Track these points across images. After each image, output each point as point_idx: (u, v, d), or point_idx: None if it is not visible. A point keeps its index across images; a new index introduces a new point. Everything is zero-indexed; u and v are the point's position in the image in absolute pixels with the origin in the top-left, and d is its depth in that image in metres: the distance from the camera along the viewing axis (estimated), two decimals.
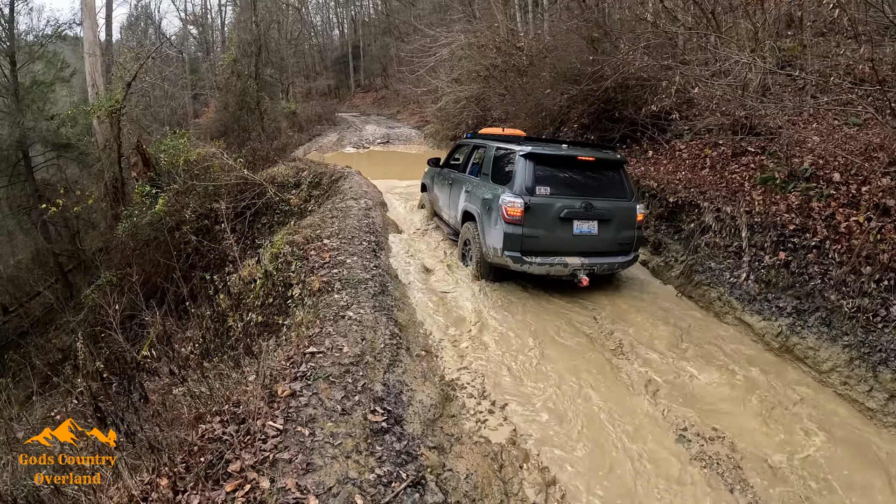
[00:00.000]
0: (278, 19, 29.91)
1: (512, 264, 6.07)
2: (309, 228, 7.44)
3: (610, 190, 6.51)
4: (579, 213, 6.13)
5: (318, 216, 8.20)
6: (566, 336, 5.49)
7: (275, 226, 12.85)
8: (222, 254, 13.18)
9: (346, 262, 6.27)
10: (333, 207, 8.72)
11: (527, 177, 6.03)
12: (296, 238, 7.00)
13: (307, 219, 8.29)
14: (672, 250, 8.12)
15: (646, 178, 9.14)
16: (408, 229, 9.38)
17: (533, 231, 5.98)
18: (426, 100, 21.24)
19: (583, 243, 6.22)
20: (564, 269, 6.12)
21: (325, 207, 8.96)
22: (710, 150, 9.36)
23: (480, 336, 5.38)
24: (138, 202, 13.61)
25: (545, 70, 11.79)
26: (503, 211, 5.95)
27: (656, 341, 5.66)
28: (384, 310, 5.27)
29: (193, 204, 13.08)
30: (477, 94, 15.95)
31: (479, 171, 7.07)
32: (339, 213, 8.22)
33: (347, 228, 7.38)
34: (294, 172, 13.45)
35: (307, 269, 6.22)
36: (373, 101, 36.38)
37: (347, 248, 6.72)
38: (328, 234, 7.12)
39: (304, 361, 4.07)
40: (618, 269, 6.70)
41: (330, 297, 5.42)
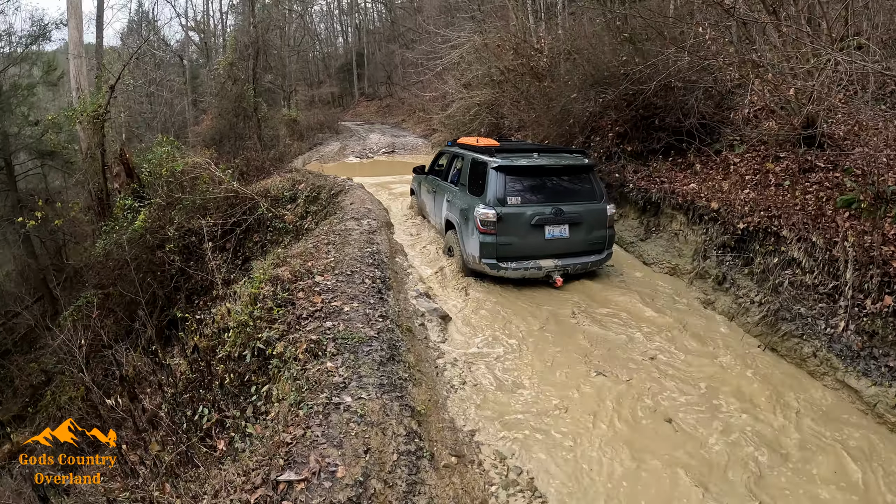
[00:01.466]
0: (280, 25, 28.52)
1: (489, 270, 6.35)
2: (299, 259, 5.86)
3: (580, 194, 6.71)
4: (550, 218, 6.39)
5: (311, 241, 6.63)
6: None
7: (267, 245, 11.29)
8: (209, 275, 11.64)
9: (342, 310, 4.70)
10: (331, 230, 7.15)
11: (498, 188, 6.29)
12: (281, 273, 5.42)
13: (297, 245, 6.71)
14: (742, 287, 6.53)
15: (701, 197, 7.56)
16: (419, 255, 7.81)
17: (507, 239, 6.25)
18: (433, 107, 19.73)
19: (555, 246, 6.48)
20: (539, 271, 6.43)
21: (320, 229, 7.40)
22: (772, 164, 7.80)
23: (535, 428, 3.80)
24: (119, 216, 12.08)
25: (572, 73, 10.25)
26: (477, 222, 6.23)
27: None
28: (395, 390, 3.69)
29: (179, 219, 11.55)
30: (489, 100, 14.42)
31: (458, 181, 7.32)
32: (336, 238, 6.65)
33: (346, 260, 5.81)
34: (290, 185, 11.91)
35: (293, 320, 4.65)
36: (377, 110, 34.92)
37: (345, 287, 5.15)
38: (322, 268, 5.55)
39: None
40: (591, 267, 6.84)
41: (320, 367, 3.85)
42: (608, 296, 6.53)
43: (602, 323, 5.72)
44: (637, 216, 8.37)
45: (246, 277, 5.54)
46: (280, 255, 6.15)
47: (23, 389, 17.12)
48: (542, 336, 5.24)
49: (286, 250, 6.40)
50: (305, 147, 19.42)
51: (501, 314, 5.69)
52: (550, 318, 5.66)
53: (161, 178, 11.56)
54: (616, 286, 6.87)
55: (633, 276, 7.37)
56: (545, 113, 10.74)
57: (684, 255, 7.50)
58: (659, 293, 6.85)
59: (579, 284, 6.71)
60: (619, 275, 7.34)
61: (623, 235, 8.36)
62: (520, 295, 6.27)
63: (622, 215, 8.62)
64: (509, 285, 6.45)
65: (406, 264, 6.79)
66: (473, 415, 3.96)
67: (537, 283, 6.58)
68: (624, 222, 8.53)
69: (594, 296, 6.53)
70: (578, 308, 6.01)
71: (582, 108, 9.55)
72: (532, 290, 6.44)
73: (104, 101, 13.17)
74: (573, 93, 9.95)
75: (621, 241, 8.36)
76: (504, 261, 6.29)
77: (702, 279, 7.14)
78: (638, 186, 8.30)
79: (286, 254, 6.17)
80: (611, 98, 8.73)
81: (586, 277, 6.89)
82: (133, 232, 11.27)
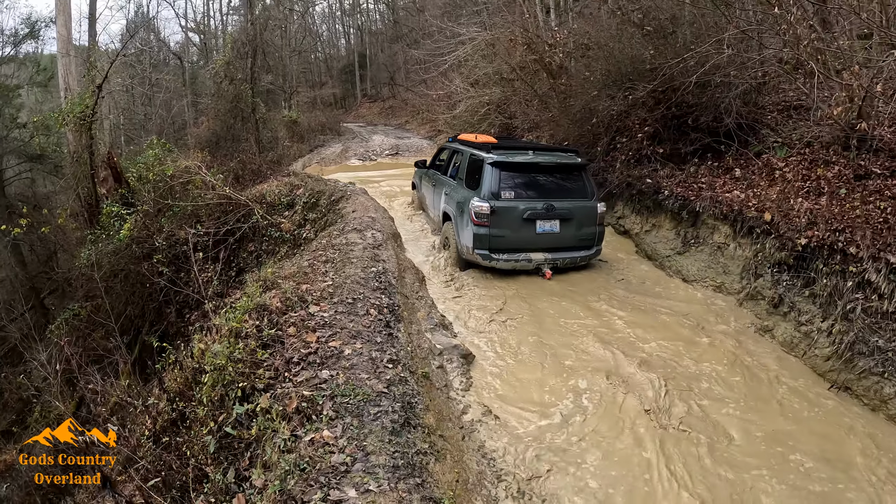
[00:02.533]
0: (281, 24, 27.58)
1: (481, 261, 6.48)
2: (291, 281, 4.92)
3: (572, 191, 6.81)
4: (541, 213, 6.52)
5: (306, 258, 5.67)
6: None
7: (263, 255, 10.34)
8: (199, 288, 10.70)
9: (343, 353, 3.75)
10: (329, 244, 6.20)
11: (493, 183, 6.45)
12: (269, 300, 4.48)
13: (290, 263, 5.74)
14: (805, 313, 5.57)
15: (749, 206, 6.61)
16: (433, 270, 6.85)
17: (499, 231, 6.37)
18: (439, 108, 18.78)
19: (545, 240, 6.59)
20: (529, 264, 6.53)
21: (318, 243, 6.44)
22: (823, 169, 6.85)
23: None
24: (106, 224, 11.14)
25: (592, 69, 9.30)
26: (471, 214, 6.37)
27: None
28: (413, 473, 2.74)
29: (168, 227, 10.61)
30: (498, 99, 13.47)
31: (456, 175, 7.45)
32: (336, 255, 5.69)
33: (347, 284, 4.85)
34: (288, 190, 10.97)
35: (281, 364, 3.71)
36: (380, 111, 33.95)
37: (346, 321, 4.20)
38: (318, 295, 4.60)
39: None
40: (580, 261, 6.88)
41: (315, 436, 2.92)
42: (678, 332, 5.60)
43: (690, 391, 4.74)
44: (672, 226, 7.42)
45: (227, 307, 4.58)
46: (269, 276, 5.20)
47: (12, 403, 16.20)
48: (612, 394, 4.22)
49: (276, 269, 5.44)
50: (306, 149, 18.43)
51: (545, 349, 4.75)
52: (614, 367, 4.68)
53: (149, 183, 10.63)
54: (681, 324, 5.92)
55: (673, 293, 6.43)
56: (563, 112, 9.79)
57: (731, 273, 6.55)
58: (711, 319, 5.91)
59: (647, 322, 5.73)
60: (658, 294, 6.41)
61: (657, 248, 7.41)
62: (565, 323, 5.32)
63: (655, 225, 7.68)
64: (549, 318, 5.51)
65: (416, 283, 5.83)
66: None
67: (580, 309, 5.73)
68: (657, 233, 7.58)
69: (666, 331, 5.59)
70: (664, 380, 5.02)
71: (606, 107, 8.59)
72: (578, 317, 5.53)
73: (91, 101, 12.21)
74: (594, 90, 9.01)
75: (655, 255, 7.41)
76: (496, 252, 6.44)
77: (753, 300, 6.19)
78: (674, 193, 7.35)
79: (276, 274, 5.22)
80: (640, 95, 7.76)
81: (647, 313, 5.92)
82: (118, 241, 10.33)
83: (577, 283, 6.62)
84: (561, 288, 6.38)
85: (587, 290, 6.41)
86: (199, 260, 10.55)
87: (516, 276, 6.56)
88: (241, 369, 3.87)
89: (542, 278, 6.52)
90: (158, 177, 10.68)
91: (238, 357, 3.89)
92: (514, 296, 6.02)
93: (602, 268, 7.19)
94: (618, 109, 8.25)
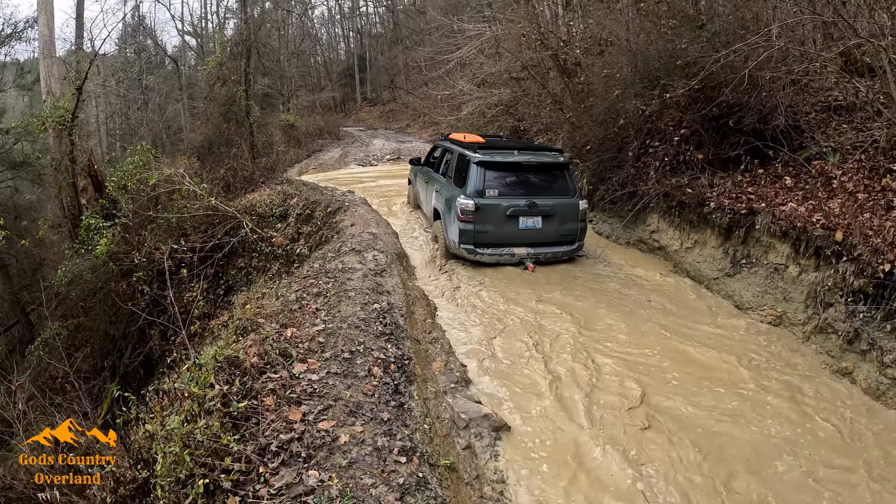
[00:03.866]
0: (279, 26, 26.60)
1: (467, 255, 6.59)
2: (273, 323, 3.90)
3: (554, 189, 6.87)
4: (524, 210, 6.61)
5: (294, 290, 4.65)
6: None
7: (253, 273, 9.31)
8: (176, 317, 9.66)
9: (338, 440, 2.72)
10: (323, 269, 5.17)
11: (478, 181, 6.57)
12: (244, 353, 3.45)
13: (275, 296, 4.70)
14: (889, 352, 4.56)
15: (813, 222, 5.58)
16: (449, 300, 5.80)
17: (483, 227, 6.49)
18: (441, 111, 17.79)
19: (528, 236, 6.69)
20: (512, 258, 6.65)
21: (310, 267, 5.41)
22: (889, 179, 5.86)
23: None
24: (84, 238, 10.11)
25: (616, 65, 8.30)
26: (458, 211, 6.48)
27: None
28: None
29: (151, 242, 9.59)
30: (507, 100, 12.46)
31: (446, 173, 7.54)
32: (330, 285, 4.67)
33: (343, 329, 3.82)
34: (281, 200, 9.95)
35: (255, 454, 2.69)
36: (380, 115, 32.91)
37: (342, 387, 3.17)
38: (306, 346, 3.57)
39: None
40: (562, 256, 6.92)
41: None
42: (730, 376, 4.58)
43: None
44: (719, 243, 6.39)
45: (191, 362, 3.54)
46: (248, 313, 4.18)
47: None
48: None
49: (257, 305, 4.41)
50: (303, 154, 17.38)
51: (576, 394, 3.73)
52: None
53: (130, 192, 9.61)
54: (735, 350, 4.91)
55: (725, 321, 5.41)
56: (584, 113, 8.78)
57: (793, 300, 5.52)
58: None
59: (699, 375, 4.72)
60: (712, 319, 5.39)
61: (702, 269, 6.39)
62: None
63: (698, 242, 6.65)
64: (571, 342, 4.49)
65: (428, 320, 4.79)
66: None
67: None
68: (701, 251, 6.56)
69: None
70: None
71: (634, 107, 7.58)
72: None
73: (70, 105, 11.20)
74: (618, 89, 8.00)
75: (700, 276, 6.39)
76: (481, 246, 6.57)
77: (823, 334, 5.18)
78: (721, 205, 6.33)
79: (257, 311, 4.20)
80: (679, 93, 6.75)
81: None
82: (94, 259, 9.31)
83: (613, 299, 5.63)
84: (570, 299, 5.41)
85: (627, 311, 5.42)
86: (185, 277, 9.59)
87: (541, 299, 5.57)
88: (201, 457, 2.85)
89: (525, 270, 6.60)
90: (139, 186, 9.67)
91: (200, 440, 2.87)
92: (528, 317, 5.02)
93: (633, 285, 6.18)
94: (651, 110, 7.23)
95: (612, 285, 6.29)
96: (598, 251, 7.33)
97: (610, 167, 7.82)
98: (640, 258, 7.19)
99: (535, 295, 5.79)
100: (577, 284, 6.24)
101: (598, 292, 6.05)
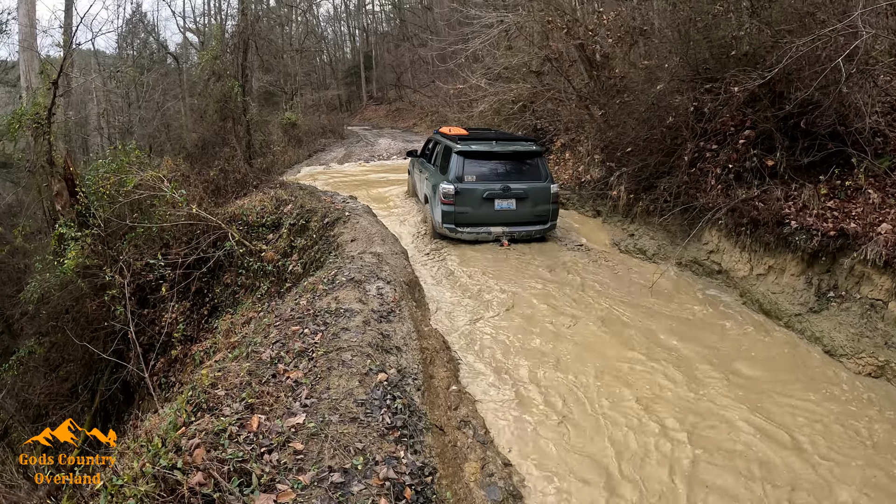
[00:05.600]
0: (282, 22, 25.39)
1: (449, 233, 7.23)
2: (234, 402, 2.67)
3: (527, 174, 7.44)
4: (499, 193, 7.19)
5: (269, 345, 3.42)
6: None
7: (240, 291, 8.09)
8: (168, 328, 8.46)
9: None
10: (310, 308, 3.95)
11: (458, 168, 7.22)
12: (184, 462, 2.22)
13: (239, 362, 3.42)
14: None
15: None
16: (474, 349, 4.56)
17: (462, 209, 7.11)
18: (451, 108, 16.51)
19: (503, 216, 7.27)
20: (489, 235, 7.25)
21: (294, 305, 4.17)
22: None
23: None
24: (57, 249, 8.92)
25: (659, 56, 7.02)
26: (440, 195, 7.16)
27: None
28: None
29: (128, 254, 8.39)
30: (527, 96, 11.18)
31: (435, 162, 8.16)
32: (318, 339, 3.44)
33: (333, 426, 2.59)
34: (274, 206, 8.73)
35: None
36: (386, 114, 31.69)
37: None
38: (275, 457, 2.33)
39: None
40: (535, 234, 7.40)
41: None
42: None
43: None
44: (800, 271, 5.12)
45: (108, 479, 2.32)
46: (203, 381, 2.95)
47: None
48: None
49: (216, 371, 3.17)
50: (304, 154, 16.14)
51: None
52: None
53: (102, 199, 8.41)
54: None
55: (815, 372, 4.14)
56: (619, 110, 7.52)
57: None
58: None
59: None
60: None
61: (779, 302, 5.11)
62: None
63: (772, 268, 5.37)
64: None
65: (452, 385, 3.54)
66: None
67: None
68: (777, 280, 5.28)
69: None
70: None
71: (684, 103, 6.30)
72: None
73: (46, 101, 10.01)
74: (664, 82, 6.73)
75: (776, 311, 5.11)
76: (461, 226, 7.14)
77: None
78: (805, 225, 5.04)
79: (214, 379, 2.97)
80: (749, 87, 5.48)
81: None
82: (61, 274, 8.12)
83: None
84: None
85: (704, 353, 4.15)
86: (166, 295, 8.39)
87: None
88: None
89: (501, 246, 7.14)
90: (117, 190, 8.47)
91: None
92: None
93: (690, 323, 4.92)
94: (710, 108, 5.94)
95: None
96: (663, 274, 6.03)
97: (656, 173, 6.56)
98: (693, 282, 5.91)
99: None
100: (661, 327, 5.00)
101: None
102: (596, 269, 6.36)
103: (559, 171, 9.79)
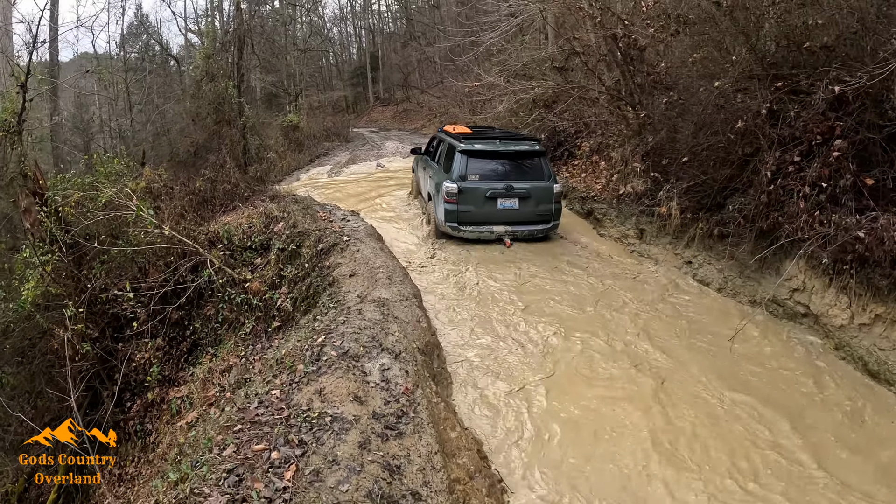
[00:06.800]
0: (285, 21, 24.28)
1: (451, 232, 7.22)
2: None
3: (530, 174, 7.41)
4: (502, 193, 7.18)
5: (215, 489, 2.21)
6: None
7: (221, 328, 6.95)
8: (144, 366, 7.34)
9: None
10: (283, 407, 2.76)
11: (461, 167, 7.19)
12: None
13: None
14: None
15: None
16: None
17: (466, 207, 7.10)
18: (461, 109, 15.30)
19: (506, 215, 7.26)
20: (491, 234, 7.24)
21: (259, 401, 2.97)
22: None
23: None
24: (21, 275, 7.81)
25: (725, 47, 5.80)
26: (443, 193, 7.12)
27: None
28: None
29: (98, 281, 7.27)
30: (549, 96, 9.96)
31: (438, 161, 8.06)
32: (286, 486, 2.23)
33: None
34: (263, 224, 7.57)
35: None
36: (393, 115, 30.47)
37: None
38: None
39: None
40: (537, 234, 7.38)
41: None
42: None
43: None
44: None
45: None
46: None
47: None
48: None
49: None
50: (304, 159, 14.97)
51: None
52: None
53: (71, 217, 7.30)
54: None
55: None
56: (668, 111, 6.29)
57: None
58: None
59: None
60: None
61: (889, 361, 3.87)
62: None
63: (879, 317, 4.11)
64: None
65: None
66: None
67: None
68: (884, 332, 4.03)
69: None
70: None
71: (755, 106, 5.05)
72: None
73: (15, 105, 8.92)
74: (727, 79, 5.47)
75: (888, 374, 3.86)
76: (464, 224, 7.16)
77: None
78: None
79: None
80: (846, 89, 4.23)
81: None
82: (20, 307, 7.01)
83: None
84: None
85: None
86: (141, 329, 7.26)
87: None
88: None
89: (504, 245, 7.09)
90: (87, 208, 7.36)
91: None
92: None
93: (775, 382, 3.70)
94: (794, 111, 4.69)
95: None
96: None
97: (722, 190, 5.30)
98: (770, 330, 4.66)
99: None
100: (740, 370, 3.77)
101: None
102: (652, 300, 5.14)
103: (590, 181, 8.56)
